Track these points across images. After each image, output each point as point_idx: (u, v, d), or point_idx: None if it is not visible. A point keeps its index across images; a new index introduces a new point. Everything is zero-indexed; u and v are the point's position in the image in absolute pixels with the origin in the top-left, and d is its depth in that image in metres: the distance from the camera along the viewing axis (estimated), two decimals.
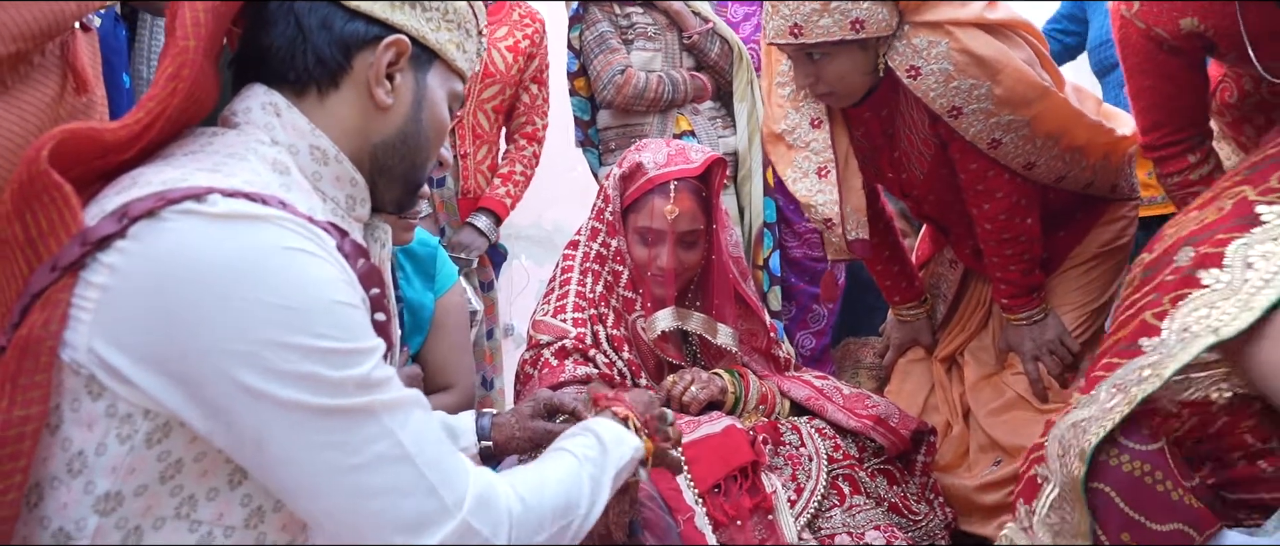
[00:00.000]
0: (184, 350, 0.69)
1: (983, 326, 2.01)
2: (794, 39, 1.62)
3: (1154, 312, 1.14)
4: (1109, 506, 1.08)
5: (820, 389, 1.72)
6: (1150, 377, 1.06)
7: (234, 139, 0.82)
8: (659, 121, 2.49)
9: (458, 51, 0.94)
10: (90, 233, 0.70)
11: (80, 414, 0.71)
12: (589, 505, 0.89)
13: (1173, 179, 1.63)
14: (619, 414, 1.05)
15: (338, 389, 0.71)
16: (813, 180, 1.79)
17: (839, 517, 1.55)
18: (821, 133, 1.79)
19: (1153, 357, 1.08)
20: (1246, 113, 1.69)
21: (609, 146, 2.57)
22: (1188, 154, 1.60)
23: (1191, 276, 1.12)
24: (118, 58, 1.64)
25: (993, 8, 1.63)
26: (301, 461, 0.71)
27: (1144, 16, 1.51)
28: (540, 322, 1.67)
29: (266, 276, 0.70)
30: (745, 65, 2.52)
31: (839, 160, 1.79)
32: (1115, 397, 1.09)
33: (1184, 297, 1.11)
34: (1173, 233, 1.24)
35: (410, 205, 0.98)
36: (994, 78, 1.58)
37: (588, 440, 0.97)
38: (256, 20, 0.87)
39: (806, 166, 1.80)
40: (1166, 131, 1.60)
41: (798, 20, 1.60)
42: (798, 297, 2.57)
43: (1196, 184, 1.59)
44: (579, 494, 0.88)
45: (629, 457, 0.99)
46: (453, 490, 0.76)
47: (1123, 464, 1.08)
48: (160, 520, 0.73)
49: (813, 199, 1.78)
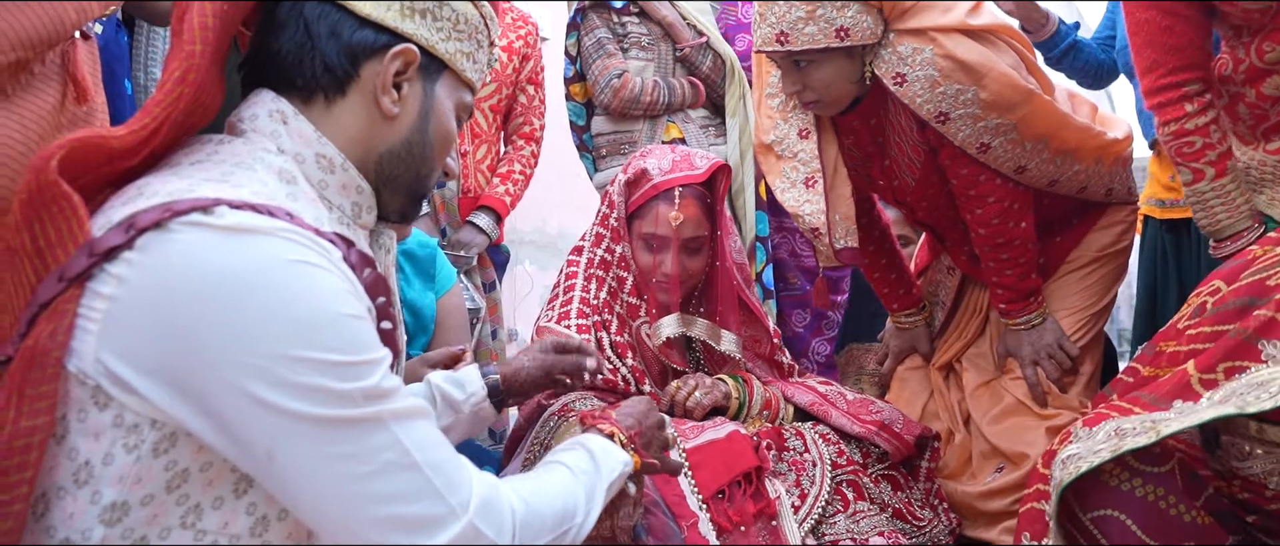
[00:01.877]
0: (191, 362, 0.69)
1: (980, 333, 2.01)
2: (780, 46, 1.64)
3: (1202, 377, 1.07)
4: (1123, 532, 1.06)
5: (824, 394, 1.71)
6: (1148, 431, 1.01)
7: (241, 147, 0.83)
8: (649, 128, 2.51)
9: (467, 62, 0.94)
10: (97, 243, 0.70)
11: (87, 424, 0.71)
12: (584, 515, 0.91)
13: (1170, 128, 1.59)
14: (605, 430, 1.07)
15: (346, 400, 0.72)
16: (800, 190, 1.81)
17: (843, 523, 1.55)
18: (809, 143, 1.81)
19: (1168, 416, 1.03)
20: (1238, 87, 1.67)
21: (601, 152, 2.60)
22: (1185, 102, 1.56)
23: (1252, 345, 1.05)
24: (119, 64, 1.64)
25: (976, 13, 1.63)
26: (311, 471, 0.71)
27: None
28: (544, 328, 1.67)
29: (274, 289, 0.70)
30: (738, 79, 2.54)
31: (826, 170, 1.81)
32: (1111, 440, 1.05)
33: (1241, 371, 1.04)
34: (1261, 266, 1.14)
35: (414, 215, 0.98)
36: (979, 82, 1.59)
37: (580, 454, 0.99)
38: (266, 24, 0.87)
39: (794, 176, 1.82)
40: (1162, 73, 1.57)
41: (784, 27, 1.62)
42: (813, 304, 2.59)
43: (1193, 134, 1.55)
44: (576, 503, 0.90)
45: (619, 472, 1.01)
46: (458, 493, 0.77)
47: (1135, 488, 1.06)
48: (166, 529, 0.73)
49: (800, 209, 1.80)
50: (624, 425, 1.09)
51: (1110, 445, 1.03)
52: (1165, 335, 1.25)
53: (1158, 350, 1.24)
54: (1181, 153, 1.58)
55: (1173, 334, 1.23)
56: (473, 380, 1.26)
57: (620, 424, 1.09)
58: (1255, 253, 1.21)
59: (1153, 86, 1.60)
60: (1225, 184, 1.56)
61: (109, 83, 1.68)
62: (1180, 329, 1.22)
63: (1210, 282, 1.24)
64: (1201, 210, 1.60)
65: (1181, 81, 1.56)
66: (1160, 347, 1.24)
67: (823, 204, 1.78)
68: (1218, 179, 1.56)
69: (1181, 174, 1.62)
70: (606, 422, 1.09)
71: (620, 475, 1.02)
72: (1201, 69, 1.58)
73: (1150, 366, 1.23)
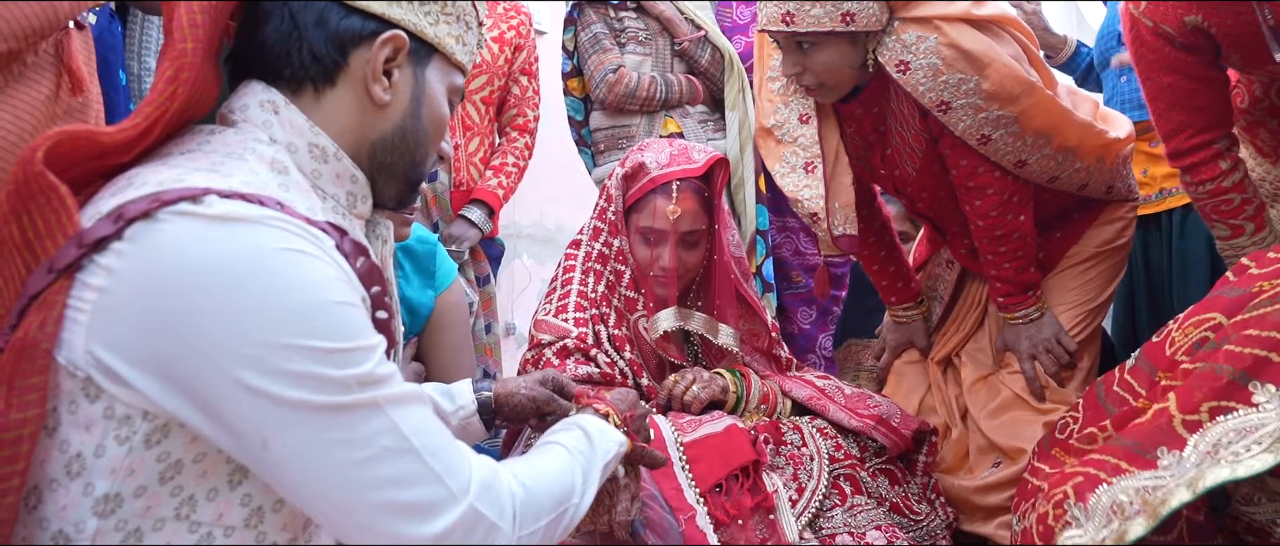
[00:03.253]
0: (182, 352, 0.68)
1: (978, 327, 2.00)
2: (785, 26, 1.63)
3: (1186, 418, 1.03)
4: None
5: (822, 388, 1.71)
6: (1146, 511, 0.97)
7: (232, 138, 0.82)
8: (646, 123, 2.51)
9: (457, 45, 0.93)
10: (86, 234, 0.69)
11: (78, 416, 0.71)
12: (581, 496, 0.91)
13: (1205, 187, 1.59)
14: (600, 410, 1.07)
15: (341, 387, 0.71)
16: (799, 175, 1.80)
17: (840, 517, 1.55)
18: (809, 128, 1.80)
19: (1160, 480, 0.98)
20: (1258, 117, 1.68)
21: (599, 147, 2.59)
22: (1218, 161, 1.57)
23: (1241, 385, 1.00)
24: (114, 54, 1.64)
25: (980, 4, 1.63)
26: (308, 459, 0.71)
27: (1150, 15, 1.51)
28: (542, 322, 1.67)
29: (264, 278, 0.69)
30: (737, 73, 2.53)
31: (828, 157, 1.80)
32: (1111, 522, 1.01)
33: (1225, 411, 1.00)
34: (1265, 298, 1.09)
35: (411, 201, 0.97)
36: (982, 72, 1.59)
37: (576, 434, 0.99)
38: (252, 16, 0.86)
39: (794, 161, 1.81)
40: (1191, 133, 1.58)
41: (790, 8, 1.61)
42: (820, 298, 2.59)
43: (1230, 192, 1.56)
44: (573, 484, 0.90)
45: (614, 452, 1.02)
46: (457, 477, 0.76)
47: None
48: (160, 521, 0.73)
49: (799, 193, 1.80)
50: (618, 407, 1.09)
51: (1113, 530, 1.00)
52: (1164, 363, 1.21)
53: (1156, 381, 1.21)
54: (1219, 211, 1.59)
55: (1169, 364, 1.19)
56: (464, 393, 1.25)
57: (616, 405, 1.09)
58: (1264, 286, 1.16)
59: (1182, 147, 1.60)
60: (1264, 236, 1.58)
61: (103, 72, 1.68)
62: (1176, 361, 1.17)
63: (1207, 313, 1.18)
64: None
65: (1211, 140, 1.57)
66: (1160, 379, 1.20)
67: (822, 189, 1.78)
68: (1258, 233, 1.58)
69: (1217, 229, 1.63)
70: (601, 403, 1.09)
71: (615, 456, 1.02)
72: (1227, 125, 1.59)
73: (1146, 399, 1.19)
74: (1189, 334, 1.19)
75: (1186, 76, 1.54)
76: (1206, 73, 1.54)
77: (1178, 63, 1.53)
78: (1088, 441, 1.24)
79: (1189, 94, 1.56)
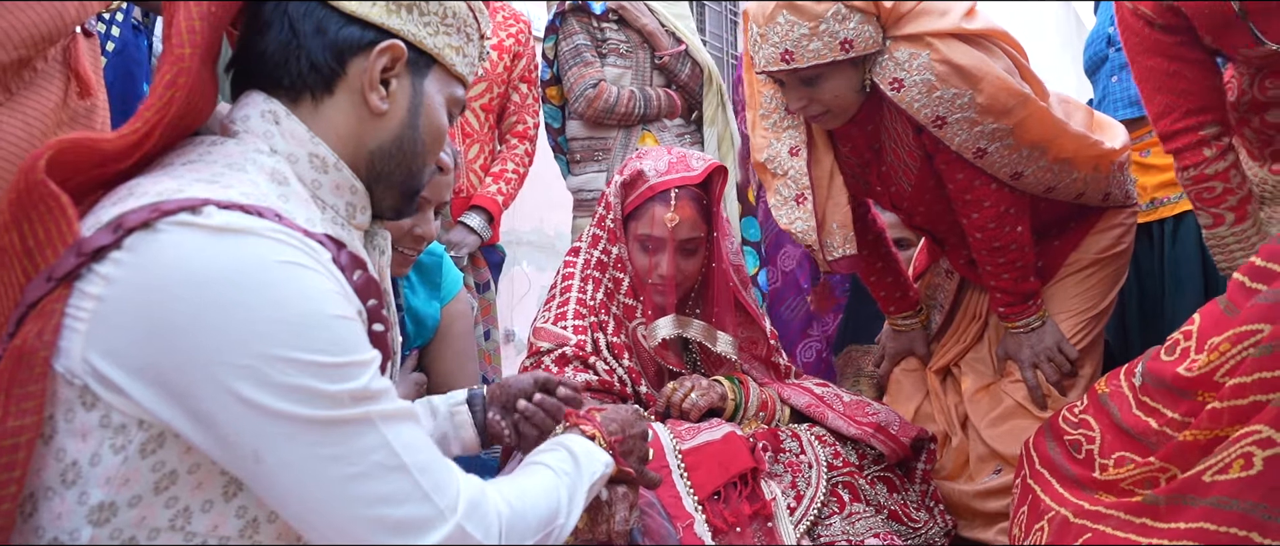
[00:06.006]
0: (178, 362, 0.69)
1: (979, 339, 2.01)
2: (786, 65, 1.64)
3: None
4: None
5: (820, 396, 1.71)
6: None
7: (233, 148, 0.82)
8: (623, 136, 2.52)
9: (457, 56, 0.93)
10: (85, 243, 0.70)
11: (74, 424, 0.71)
12: (566, 517, 0.91)
13: (1188, 173, 1.60)
14: (587, 431, 1.07)
15: (334, 401, 0.71)
16: (792, 207, 1.84)
17: (838, 525, 1.54)
18: (798, 161, 1.83)
19: None
20: (1243, 114, 1.68)
21: (574, 157, 2.61)
22: (1203, 147, 1.57)
23: None
24: (139, 68, 1.64)
25: (970, 17, 1.63)
26: (299, 472, 0.71)
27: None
28: (541, 329, 1.67)
29: (261, 290, 0.70)
30: (716, 88, 2.55)
31: (821, 181, 1.83)
32: None
33: None
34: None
35: (409, 211, 0.97)
36: (975, 86, 1.59)
37: (562, 455, 0.99)
38: (252, 23, 0.87)
39: (786, 193, 1.84)
40: (1176, 116, 1.58)
41: (788, 46, 1.62)
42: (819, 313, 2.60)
43: (1213, 179, 1.56)
44: (558, 504, 0.90)
45: (600, 473, 1.01)
46: (445, 495, 0.76)
47: None
48: (155, 531, 0.73)
49: (792, 226, 1.83)
50: (606, 430, 1.08)
51: None
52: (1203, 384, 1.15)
53: (1199, 402, 1.15)
54: (1201, 198, 1.58)
55: (1210, 384, 1.14)
56: (453, 398, 1.23)
57: (603, 427, 1.08)
58: None
59: (1169, 130, 1.61)
60: (1246, 229, 1.57)
61: (127, 86, 1.68)
62: (1219, 382, 1.13)
63: (1249, 324, 1.12)
64: (1220, 253, 1.60)
65: (1198, 124, 1.57)
66: (1203, 399, 1.14)
67: (813, 221, 1.81)
68: (1238, 224, 1.56)
69: (1201, 218, 1.62)
70: (588, 424, 1.09)
71: (602, 477, 1.02)
72: (1216, 110, 1.58)
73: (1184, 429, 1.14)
74: (1224, 351, 1.13)
75: (1167, 57, 1.55)
76: (1188, 53, 1.55)
77: (1157, 45, 1.55)
78: (1145, 483, 1.17)
79: (1171, 75, 1.56)
